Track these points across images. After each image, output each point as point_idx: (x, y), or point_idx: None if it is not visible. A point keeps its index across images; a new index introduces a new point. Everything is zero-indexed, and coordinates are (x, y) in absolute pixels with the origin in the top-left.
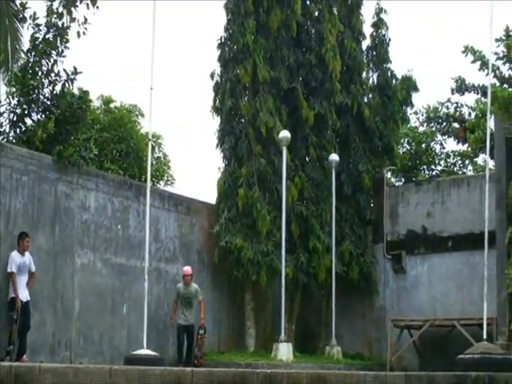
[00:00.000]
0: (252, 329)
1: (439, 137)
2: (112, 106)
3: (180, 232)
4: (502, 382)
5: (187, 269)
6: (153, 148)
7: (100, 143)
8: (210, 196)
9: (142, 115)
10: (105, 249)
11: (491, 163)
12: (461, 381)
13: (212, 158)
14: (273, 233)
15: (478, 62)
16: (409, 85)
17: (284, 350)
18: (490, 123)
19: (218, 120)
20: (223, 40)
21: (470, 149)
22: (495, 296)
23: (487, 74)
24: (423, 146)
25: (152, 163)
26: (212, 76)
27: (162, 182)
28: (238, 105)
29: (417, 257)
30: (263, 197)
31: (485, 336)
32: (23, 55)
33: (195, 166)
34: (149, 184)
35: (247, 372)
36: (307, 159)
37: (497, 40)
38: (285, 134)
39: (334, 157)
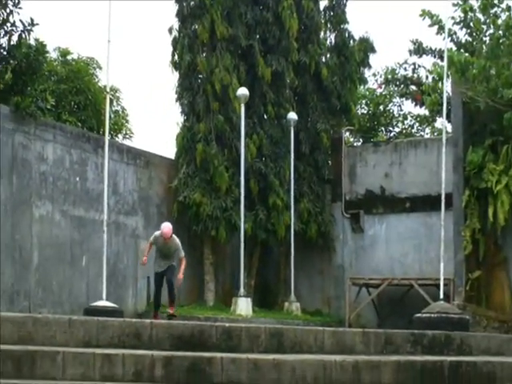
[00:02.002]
0: (211, 283)
1: (397, 99)
2: (69, 58)
3: (139, 186)
4: (457, 340)
5: (167, 230)
6: (111, 101)
7: (57, 95)
8: (169, 150)
9: (100, 68)
10: (63, 201)
11: (448, 127)
12: (417, 339)
13: (171, 113)
14: (232, 189)
15: (436, 26)
16: (366, 46)
17: (243, 305)
18: (447, 87)
19: (176, 75)
20: None
21: (427, 111)
22: (452, 257)
23: (444, 39)
24: (381, 107)
25: (110, 116)
26: (170, 31)
27: (120, 136)
28: (196, 60)
29: (375, 216)
30: (222, 153)
31: (441, 296)
32: None
33: (154, 120)
34: (107, 137)
35: (206, 325)
36: (265, 117)
37: (454, 5)
38: (243, 91)
39: (292, 115)
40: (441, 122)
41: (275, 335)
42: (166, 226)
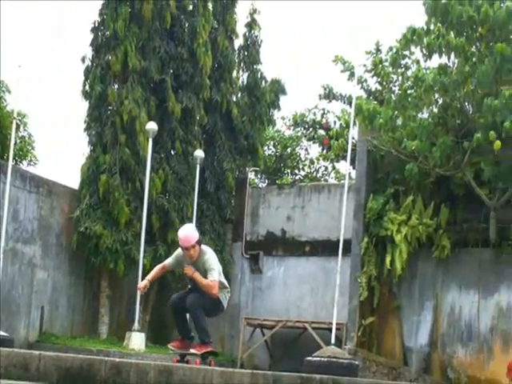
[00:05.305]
0: (106, 316)
1: (305, 142)
2: None
3: (40, 214)
4: None
5: (185, 235)
6: (17, 126)
7: None
8: (74, 181)
9: (9, 92)
10: None
11: (353, 173)
12: (305, 382)
13: (78, 143)
14: (133, 223)
15: (347, 73)
16: (277, 88)
17: (137, 340)
18: (354, 134)
19: (86, 105)
20: (97, 24)
21: (333, 156)
22: (347, 302)
23: (354, 86)
24: (288, 150)
25: (16, 142)
26: (83, 60)
27: (24, 162)
28: (107, 91)
29: (274, 258)
30: (125, 186)
31: (333, 340)
32: None
33: (60, 149)
34: (10, 163)
35: (96, 359)
36: (172, 153)
37: (367, 53)
38: (151, 125)
39: (200, 153)
40: (345, 168)
41: (164, 373)
42: (184, 229)
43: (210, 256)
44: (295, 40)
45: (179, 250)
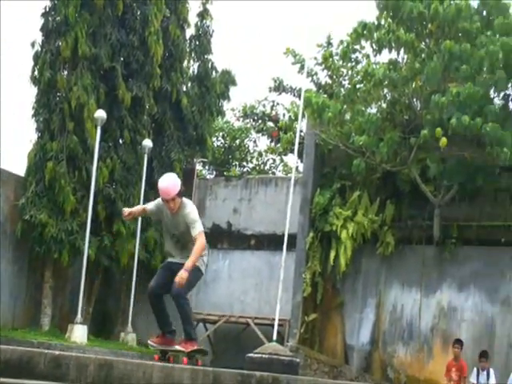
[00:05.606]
0: (48, 307)
1: (253, 134)
2: None
3: None
4: (284, 382)
5: (165, 185)
6: None
7: None
8: (21, 168)
9: None
10: None
11: (300, 167)
12: (245, 379)
13: (26, 129)
14: (79, 212)
15: (298, 65)
16: (228, 78)
17: (79, 332)
18: (302, 127)
19: (35, 91)
20: (47, 10)
21: (281, 149)
22: (291, 298)
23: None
24: (237, 141)
25: None
26: (33, 45)
27: None
28: (56, 77)
29: (219, 251)
30: (72, 174)
31: (275, 337)
32: None
33: (7, 136)
34: None
35: (35, 352)
36: (121, 141)
37: (318, 46)
38: (100, 113)
39: (148, 142)
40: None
41: (104, 366)
42: (164, 180)
43: (191, 209)
44: (247, 32)
45: (159, 202)
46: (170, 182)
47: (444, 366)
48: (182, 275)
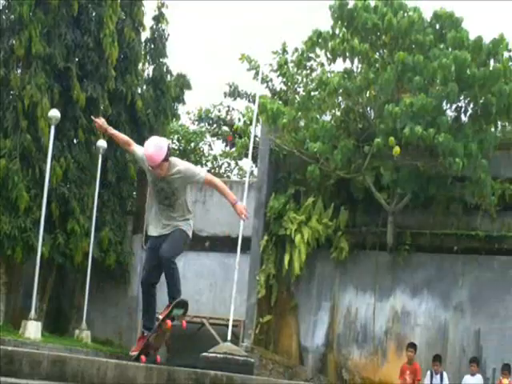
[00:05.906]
0: (2, 303)
1: (208, 138)
2: None
3: None
4: (239, 382)
5: (151, 152)
6: None
7: None
8: None
9: None
10: None
11: (255, 172)
12: (199, 378)
13: None
14: (32, 210)
15: (253, 71)
16: (183, 82)
17: (32, 329)
18: (257, 132)
19: None
20: (1, 8)
21: (237, 153)
22: (245, 299)
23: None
24: (192, 144)
25: None
26: None
27: None
28: (10, 76)
29: None
30: (25, 172)
31: (229, 337)
32: None
33: None
34: None
35: None
36: (75, 141)
37: (273, 53)
38: (54, 112)
39: (102, 143)
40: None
41: (58, 363)
42: (150, 145)
43: (183, 165)
44: (203, 37)
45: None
46: (154, 148)
47: (398, 369)
48: (243, 207)
